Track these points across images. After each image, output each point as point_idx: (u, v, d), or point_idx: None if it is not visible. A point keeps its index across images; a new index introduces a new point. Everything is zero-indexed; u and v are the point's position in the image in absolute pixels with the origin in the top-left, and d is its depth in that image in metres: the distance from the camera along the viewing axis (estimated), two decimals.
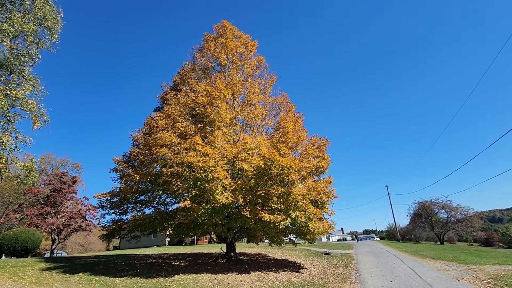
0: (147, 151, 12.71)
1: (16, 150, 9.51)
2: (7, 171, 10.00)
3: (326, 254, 22.14)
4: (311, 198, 12.46)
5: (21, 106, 9.62)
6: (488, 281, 9.40)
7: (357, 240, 47.17)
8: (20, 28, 8.99)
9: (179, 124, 12.90)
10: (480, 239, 49.90)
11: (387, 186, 53.28)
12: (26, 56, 9.55)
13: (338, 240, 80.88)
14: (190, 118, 14.44)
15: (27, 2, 9.50)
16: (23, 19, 9.11)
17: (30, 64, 10.00)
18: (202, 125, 13.20)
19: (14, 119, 9.79)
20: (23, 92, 9.33)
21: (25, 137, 9.79)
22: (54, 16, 10.29)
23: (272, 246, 19.63)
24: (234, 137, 14.15)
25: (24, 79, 9.67)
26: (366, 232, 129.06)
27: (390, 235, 69.61)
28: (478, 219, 44.77)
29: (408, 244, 39.00)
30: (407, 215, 54.17)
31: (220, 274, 11.02)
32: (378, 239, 77.05)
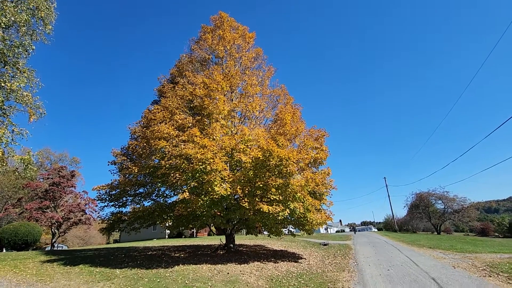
0: (145, 144, 12.67)
1: (12, 143, 9.44)
2: (4, 164, 9.95)
3: (325, 245, 22.40)
4: (309, 190, 12.52)
5: (16, 98, 9.51)
6: (484, 268, 9.56)
7: (355, 232, 47.56)
8: (12, 18, 8.81)
9: (177, 117, 12.83)
10: (476, 229, 50.54)
11: (385, 177, 53.67)
12: (20, 48, 9.39)
13: (337, 231, 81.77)
14: (188, 111, 14.36)
15: None
16: (16, 9, 8.93)
17: (24, 56, 9.85)
18: (200, 117, 13.15)
19: (10, 112, 9.69)
20: (18, 84, 9.21)
21: (21, 130, 9.71)
22: (47, 6, 10.09)
23: (271, 237, 19.83)
24: (232, 129, 14.12)
25: (18, 71, 9.53)
26: (364, 223, 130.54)
27: (387, 226, 70.37)
28: (474, 209, 45.26)
29: (405, 234, 39.48)
30: (405, 206, 54.70)
31: (220, 265, 11.14)
32: (376, 230, 77.96)
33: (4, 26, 8.70)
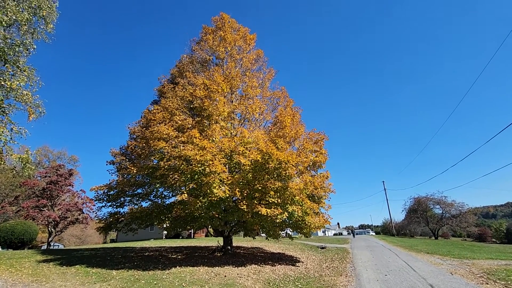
0: (144, 144, 12.63)
1: (11, 141, 9.39)
2: (2, 163, 9.90)
3: (322, 248, 22.36)
4: (308, 193, 12.52)
5: (16, 97, 9.47)
6: (481, 275, 9.55)
7: (354, 235, 47.25)
8: (14, 17, 8.79)
9: (176, 118, 12.80)
10: (474, 235, 50.53)
11: (383, 181, 53.85)
12: (21, 46, 9.36)
13: (334, 234, 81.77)
14: (187, 112, 14.34)
15: None
16: (17, 8, 8.91)
17: (25, 55, 9.81)
18: (200, 118, 13.12)
19: (9, 110, 9.65)
20: (18, 83, 9.17)
21: (20, 128, 9.67)
22: (49, 5, 10.07)
23: (268, 240, 19.78)
24: (232, 131, 14.10)
25: (19, 70, 9.50)
26: (362, 226, 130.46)
27: (385, 230, 70.37)
28: (472, 215, 45.36)
29: (403, 239, 39.49)
30: (403, 210, 54.76)
31: (217, 267, 11.09)
32: (374, 234, 77.92)
33: (5, 25, 8.69)
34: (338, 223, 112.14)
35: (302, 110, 17.12)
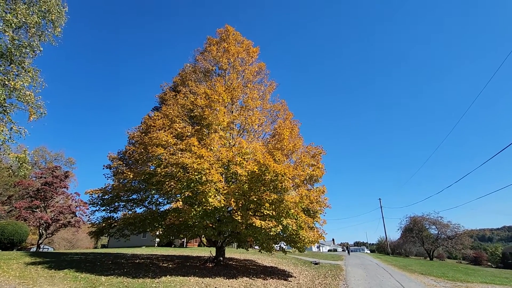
0: (142, 150, 12.67)
1: (10, 141, 9.41)
2: None
3: (316, 263, 22.06)
4: (303, 207, 12.48)
5: (19, 97, 9.56)
6: None
7: (349, 252, 46.08)
8: (23, 20, 9.01)
9: (176, 125, 12.91)
10: (469, 257, 50.09)
11: (379, 199, 53.54)
12: (28, 48, 9.54)
13: (329, 250, 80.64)
14: (187, 120, 14.47)
15: None
16: (27, 11, 9.13)
17: (31, 56, 9.98)
18: (199, 127, 13.23)
19: (10, 109, 9.72)
20: (21, 83, 9.29)
21: (20, 128, 9.71)
22: (58, 10, 10.33)
23: (262, 252, 19.52)
24: (230, 141, 14.19)
25: (23, 70, 9.64)
26: (356, 244, 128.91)
27: (380, 248, 69.61)
28: (468, 237, 45.10)
29: (398, 258, 39.03)
30: (398, 229, 54.40)
31: (208, 278, 10.93)
32: (369, 251, 76.98)
33: (14, 27, 8.89)
34: (333, 239, 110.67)
35: (301, 124, 17.29)
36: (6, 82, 8.96)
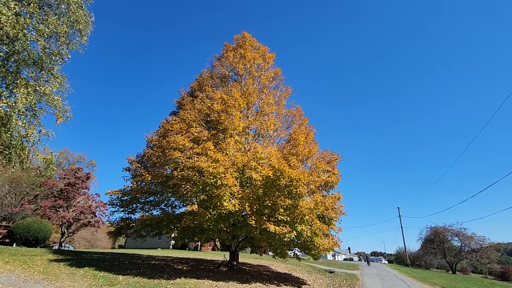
0: (160, 153, 13.03)
1: (39, 142, 9.99)
2: (28, 162, 10.49)
3: (331, 272, 21.59)
4: (318, 213, 12.32)
5: (47, 101, 10.14)
6: None
7: (368, 263, 40.76)
8: (54, 30, 9.63)
9: (193, 129, 13.19)
10: (496, 272, 47.22)
11: (398, 207, 51.82)
12: (57, 56, 10.15)
13: (344, 259, 78.53)
14: (204, 124, 14.76)
15: (62, 6, 10.17)
16: (58, 22, 9.75)
17: (60, 63, 10.60)
18: (215, 131, 13.45)
19: (40, 113, 10.31)
20: (50, 88, 9.87)
21: (48, 131, 10.27)
22: (86, 20, 10.94)
23: (275, 258, 19.38)
24: (246, 146, 14.31)
25: (52, 77, 10.23)
26: (374, 254, 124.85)
27: (399, 259, 67.09)
28: (494, 250, 42.62)
29: (417, 270, 37.45)
30: (418, 240, 52.24)
31: (221, 282, 10.98)
32: (387, 262, 74.32)
33: (46, 36, 9.50)
34: (349, 248, 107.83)
35: (317, 129, 17.18)
36: (37, 88, 9.55)
